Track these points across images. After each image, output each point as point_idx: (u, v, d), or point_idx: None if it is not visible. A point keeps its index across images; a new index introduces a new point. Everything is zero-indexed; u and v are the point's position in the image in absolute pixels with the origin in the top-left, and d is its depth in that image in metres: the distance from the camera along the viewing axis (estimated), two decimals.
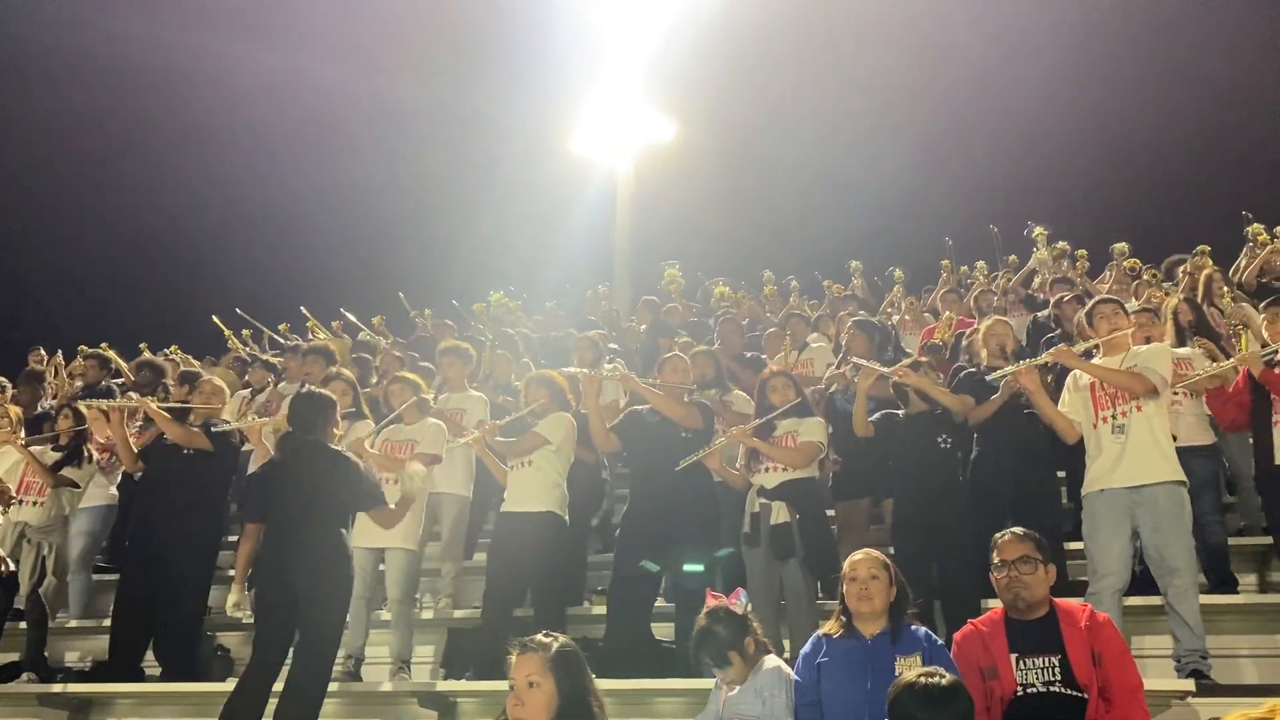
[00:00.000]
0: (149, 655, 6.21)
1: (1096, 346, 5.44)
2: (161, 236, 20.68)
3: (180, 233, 20.86)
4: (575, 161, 17.98)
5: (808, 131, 21.93)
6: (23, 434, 7.08)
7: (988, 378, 5.64)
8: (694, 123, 19.00)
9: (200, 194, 21.05)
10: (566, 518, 5.87)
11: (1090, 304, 5.76)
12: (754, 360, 7.49)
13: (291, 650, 4.82)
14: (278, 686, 4.78)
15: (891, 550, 5.52)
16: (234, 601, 5.11)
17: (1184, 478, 5.00)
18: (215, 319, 11.55)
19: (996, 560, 3.82)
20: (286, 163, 21.13)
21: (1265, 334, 5.56)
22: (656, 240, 16.64)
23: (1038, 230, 11.92)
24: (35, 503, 6.76)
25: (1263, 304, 5.83)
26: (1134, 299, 8.87)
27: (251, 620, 5.19)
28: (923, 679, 3.11)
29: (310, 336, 10.95)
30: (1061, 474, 6.65)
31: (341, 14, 21.04)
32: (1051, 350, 5.45)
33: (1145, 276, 9.82)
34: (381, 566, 6.12)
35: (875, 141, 20.91)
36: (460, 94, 21.00)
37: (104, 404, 6.70)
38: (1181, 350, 6.44)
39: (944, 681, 3.10)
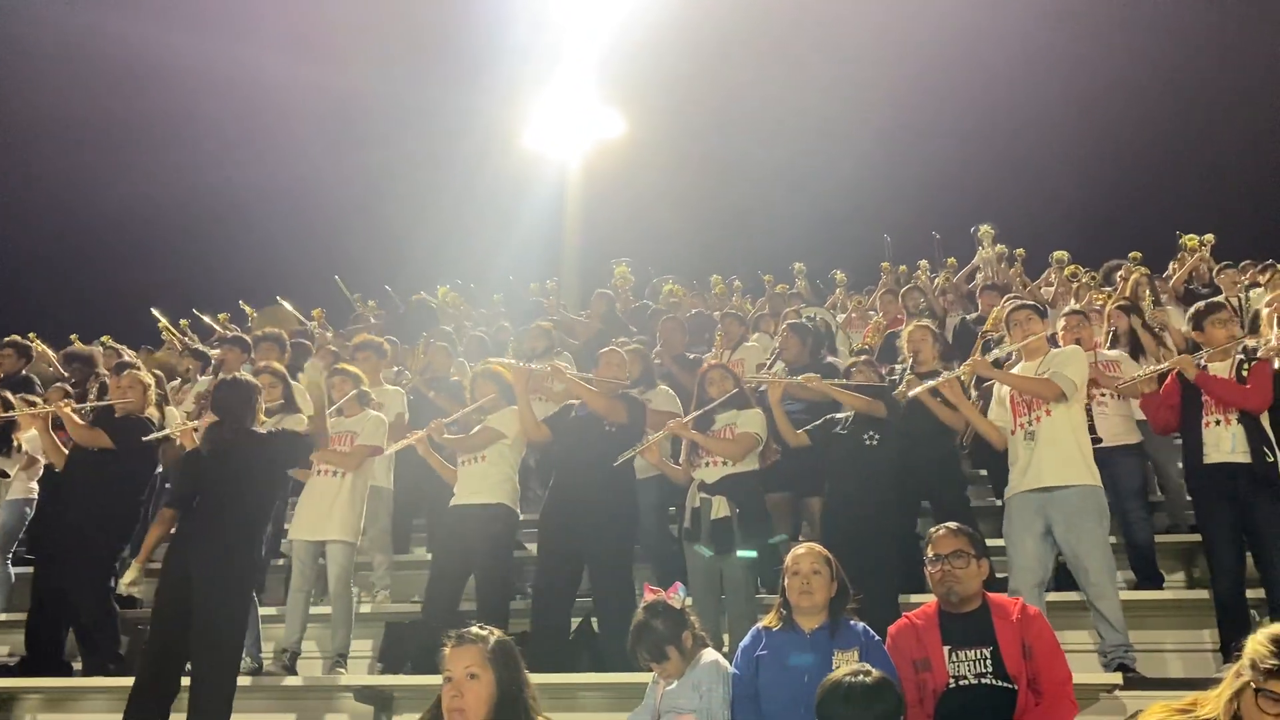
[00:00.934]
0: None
1: (1010, 353, 5.56)
2: (107, 228, 20.16)
3: (126, 224, 20.37)
4: (527, 157, 17.91)
5: (758, 129, 22.08)
6: None
7: (910, 394, 5.65)
8: (645, 120, 19.03)
9: (146, 185, 20.54)
10: (519, 511, 5.87)
11: (1006, 311, 5.86)
12: (695, 362, 7.52)
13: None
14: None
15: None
16: (129, 580, 5.05)
17: (1098, 481, 5.12)
18: (155, 311, 11.28)
19: (930, 554, 3.87)
20: (233, 155, 20.76)
21: (1205, 337, 5.61)
22: (607, 236, 16.64)
23: (983, 229, 12.12)
24: None
25: (1193, 310, 5.94)
26: (1074, 301, 9.10)
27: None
28: (847, 678, 3.14)
29: (250, 328, 10.77)
30: (984, 472, 6.79)
31: (290, 5, 20.68)
32: (966, 363, 5.55)
33: (1084, 280, 10.07)
34: (321, 560, 6.06)
35: (827, 140, 21.03)
36: (411, 88, 20.77)
37: (16, 412, 6.50)
38: (1111, 353, 6.59)
39: (868, 680, 3.13)
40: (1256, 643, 2.43)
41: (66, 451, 6.30)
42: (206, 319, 11.79)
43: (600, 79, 17.14)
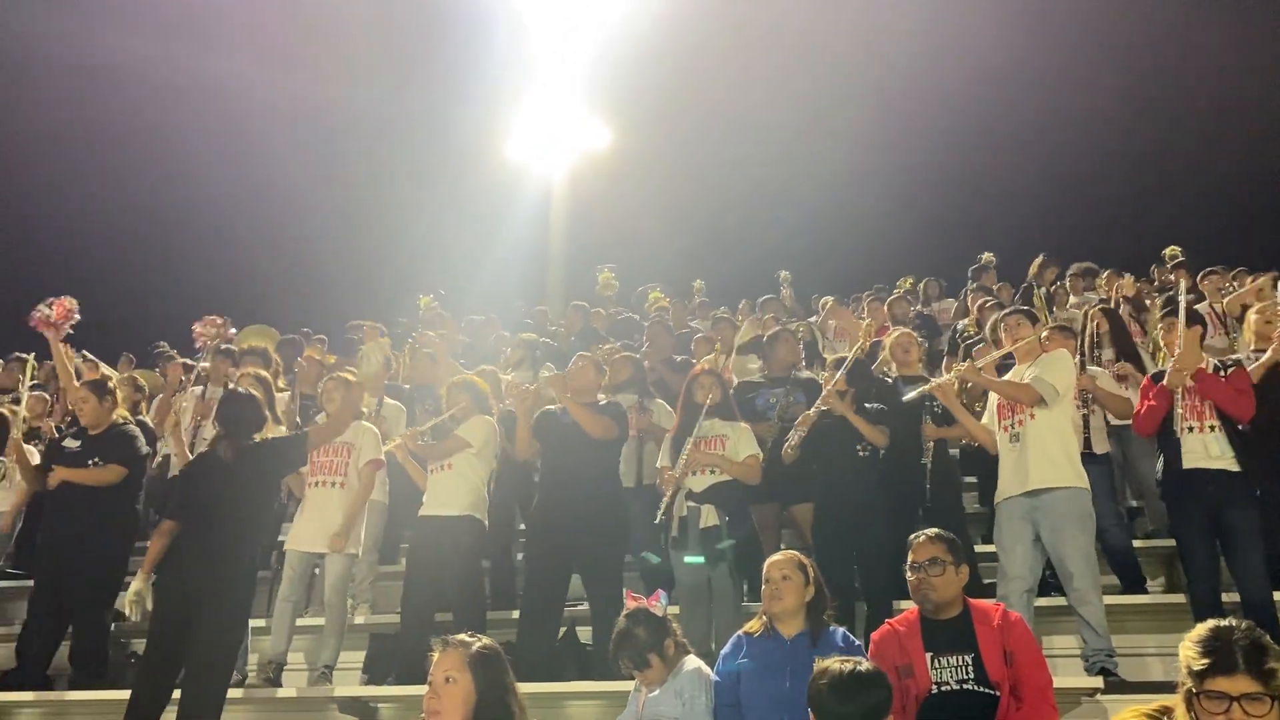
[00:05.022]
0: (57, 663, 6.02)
1: (1009, 355, 5.61)
2: (81, 240, 19.92)
3: (102, 237, 20.11)
4: (510, 168, 17.93)
5: (743, 139, 22.13)
6: None
7: (904, 399, 5.70)
8: (631, 131, 19.07)
9: (122, 196, 20.32)
10: (486, 521, 5.85)
11: (999, 315, 5.93)
12: (685, 365, 7.51)
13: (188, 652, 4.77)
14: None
15: (812, 553, 5.62)
16: (136, 589, 4.97)
17: (1085, 484, 5.14)
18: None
19: (910, 561, 3.89)
20: (210, 166, 20.56)
21: (1162, 343, 5.71)
22: (592, 247, 16.65)
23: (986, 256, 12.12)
24: None
25: (1160, 315, 6.01)
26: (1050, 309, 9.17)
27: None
28: (837, 666, 3.15)
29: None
30: (970, 478, 6.82)
31: (267, 13, 20.56)
32: (956, 368, 5.58)
33: (1067, 284, 10.18)
34: (317, 570, 6.04)
35: (811, 148, 21.11)
36: (392, 97, 20.68)
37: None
38: (1092, 369, 6.58)
39: (860, 669, 3.14)
40: (1186, 649, 2.47)
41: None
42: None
43: (583, 90, 17.20)
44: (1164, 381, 5.31)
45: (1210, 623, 2.48)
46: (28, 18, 18.61)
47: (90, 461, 6.00)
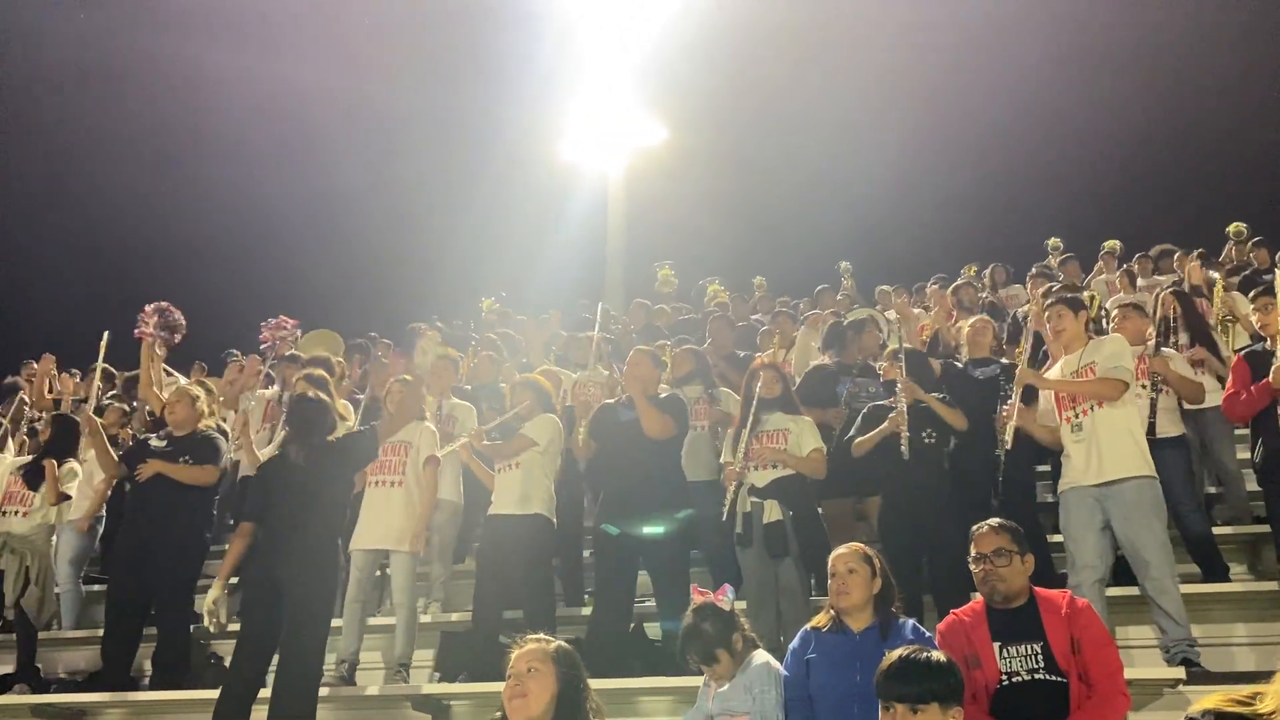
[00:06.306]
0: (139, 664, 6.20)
1: (1041, 341, 5.47)
2: (140, 243, 20.35)
3: (160, 239, 20.54)
4: (565, 167, 17.99)
5: (799, 133, 21.96)
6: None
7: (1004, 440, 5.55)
8: (685, 126, 18.99)
9: (178, 199, 20.71)
10: (554, 520, 5.87)
11: (1045, 304, 5.75)
12: (745, 360, 7.47)
13: (278, 653, 4.88)
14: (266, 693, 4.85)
15: (879, 546, 5.54)
16: (213, 598, 5.04)
17: (1153, 472, 4.99)
18: None
19: (974, 553, 3.82)
20: (264, 168, 20.79)
21: (1255, 324, 5.54)
22: (649, 245, 16.65)
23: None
24: (19, 513, 6.76)
25: (1251, 294, 5.81)
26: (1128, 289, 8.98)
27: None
28: (901, 650, 3.12)
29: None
30: (1044, 467, 6.67)
31: (322, 16, 20.79)
32: (1016, 378, 5.41)
33: (1133, 267, 9.95)
34: (380, 570, 6.12)
35: (866, 141, 20.91)
36: (446, 98, 20.84)
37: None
38: (1165, 351, 6.41)
39: (925, 654, 3.09)
40: None
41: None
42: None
43: (637, 86, 17.18)
44: (1270, 379, 5.12)
45: None
46: (88, 28, 19.09)
47: (182, 459, 6.09)
